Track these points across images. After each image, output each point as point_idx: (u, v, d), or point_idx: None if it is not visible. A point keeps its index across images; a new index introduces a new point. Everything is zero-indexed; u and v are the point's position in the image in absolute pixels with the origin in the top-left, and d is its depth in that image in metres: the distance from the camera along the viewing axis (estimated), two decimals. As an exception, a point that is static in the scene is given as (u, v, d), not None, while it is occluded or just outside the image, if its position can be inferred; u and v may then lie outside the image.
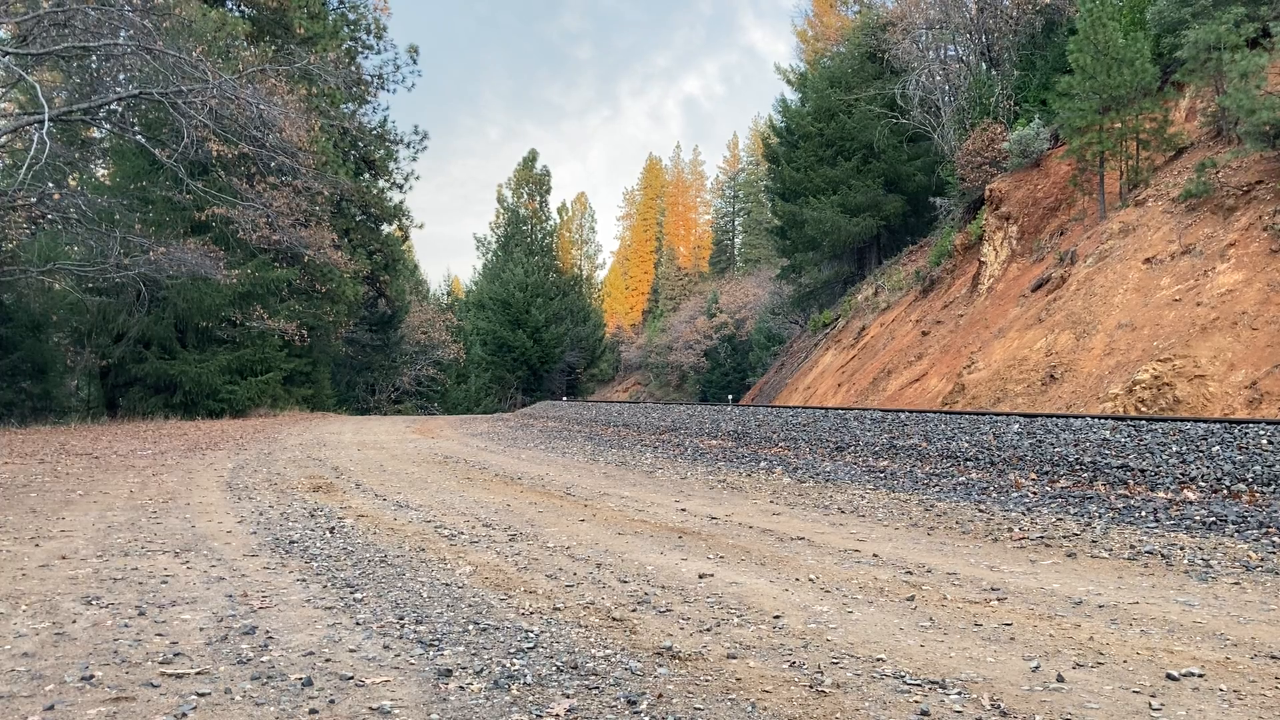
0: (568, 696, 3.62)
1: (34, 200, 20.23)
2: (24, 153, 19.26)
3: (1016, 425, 11.89)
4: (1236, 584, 5.54)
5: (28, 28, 19.27)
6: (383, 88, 44.53)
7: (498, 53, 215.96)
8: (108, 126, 24.26)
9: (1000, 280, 25.60)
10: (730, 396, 48.70)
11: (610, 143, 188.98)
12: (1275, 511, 7.35)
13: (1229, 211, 17.43)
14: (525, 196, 63.09)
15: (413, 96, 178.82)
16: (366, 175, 44.11)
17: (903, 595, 5.34)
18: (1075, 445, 10.37)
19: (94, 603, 5.11)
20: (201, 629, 4.58)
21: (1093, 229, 21.70)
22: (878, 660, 4.10)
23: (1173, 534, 7.04)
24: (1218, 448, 9.14)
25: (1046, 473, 9.85)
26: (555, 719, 3.39)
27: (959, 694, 3.64)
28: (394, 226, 46.85)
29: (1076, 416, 12.01)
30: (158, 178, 25.57)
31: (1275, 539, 6.64)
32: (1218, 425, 9.89)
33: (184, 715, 3.38)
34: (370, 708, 3.48)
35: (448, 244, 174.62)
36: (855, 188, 40.66)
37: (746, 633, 4.57)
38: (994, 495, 9.19)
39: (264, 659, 4.08)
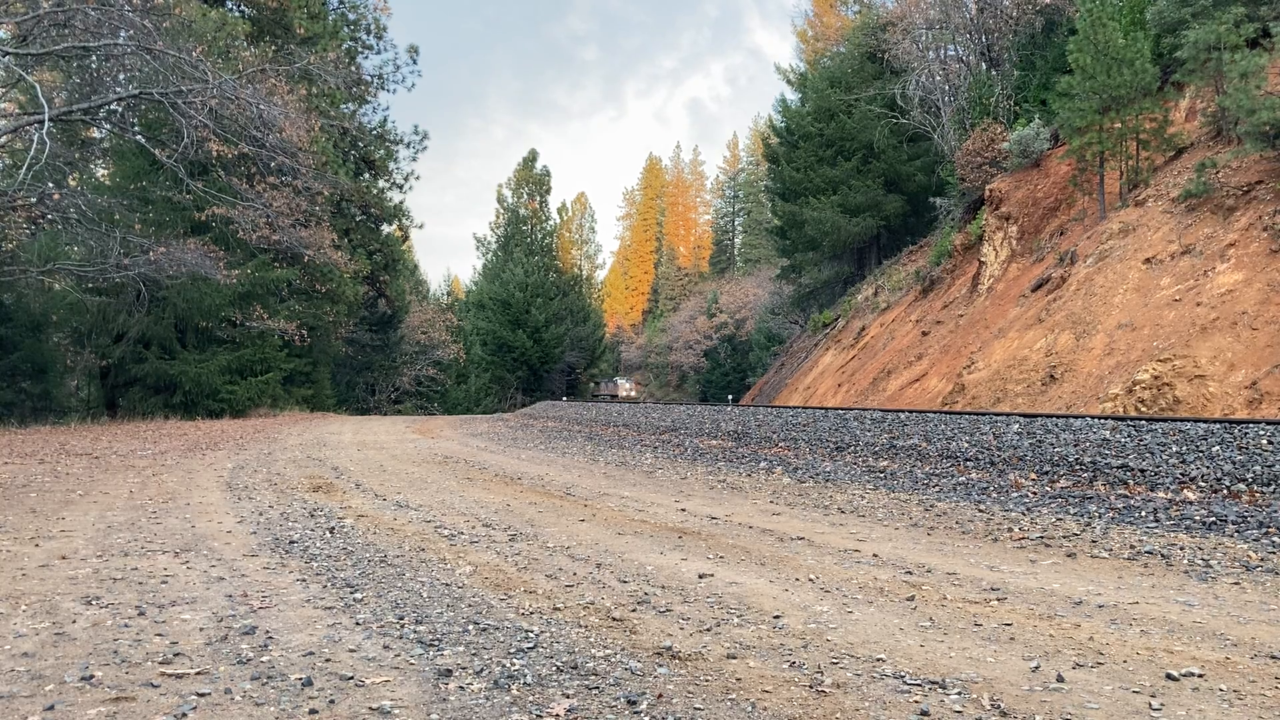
0: (568, 696, 3.62)
1: (34, 200, 20.23)
2: (24, 153, 19.26)
3: (1016, 425, 11.89)
4: (1236, 584, 5.54)
5: (28, 28, 19.27)
6: (383, 88, 44.63)
7: (504, 54, 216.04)
8: (108, 126, 24.26)
9: (1000, 280, 25.60)
10: (730, 396, 48.70)
11: (615, 144, 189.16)
12: (1275, 511, 7.35)
13: (1229, 211, 17.42)
14: (525, 196, 63.13)
15: (419, 98, 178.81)
16: (366, 175, 44.14)
17: (903, 595, 5.34)
18: (1075, 445, 10.37)
19: (94, 603, 5.11)
20: (201, 629, 4.58)
21: (1093, 229, 21.70)
22: (878, 660, 4.10)
23: (1173, 534, 7.04)
24: (1218, 448, 9.14)
25: (1046, 473, 9.85)
26: (555, 719, 3.39)
27: (959, 694, 3.64)
28: (394, 226, 46.91)
29: (1076, 416, 12.01)
30: (158, 178, 25.57)
31: (1275, 539, 6.64)
32: (1218, 425, 9.89)
33: (184, 715, 3.37)
34: (370, 708, 3.48)
35: (448, 244, 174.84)
36: (855, 188, 40.66)
37: (746, 633, 4.57)
38: (994, 495, 9.19)
39: (264, 659, 4.08)
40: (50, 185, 21.23)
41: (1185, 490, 8.42)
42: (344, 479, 12.20)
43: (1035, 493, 9.07)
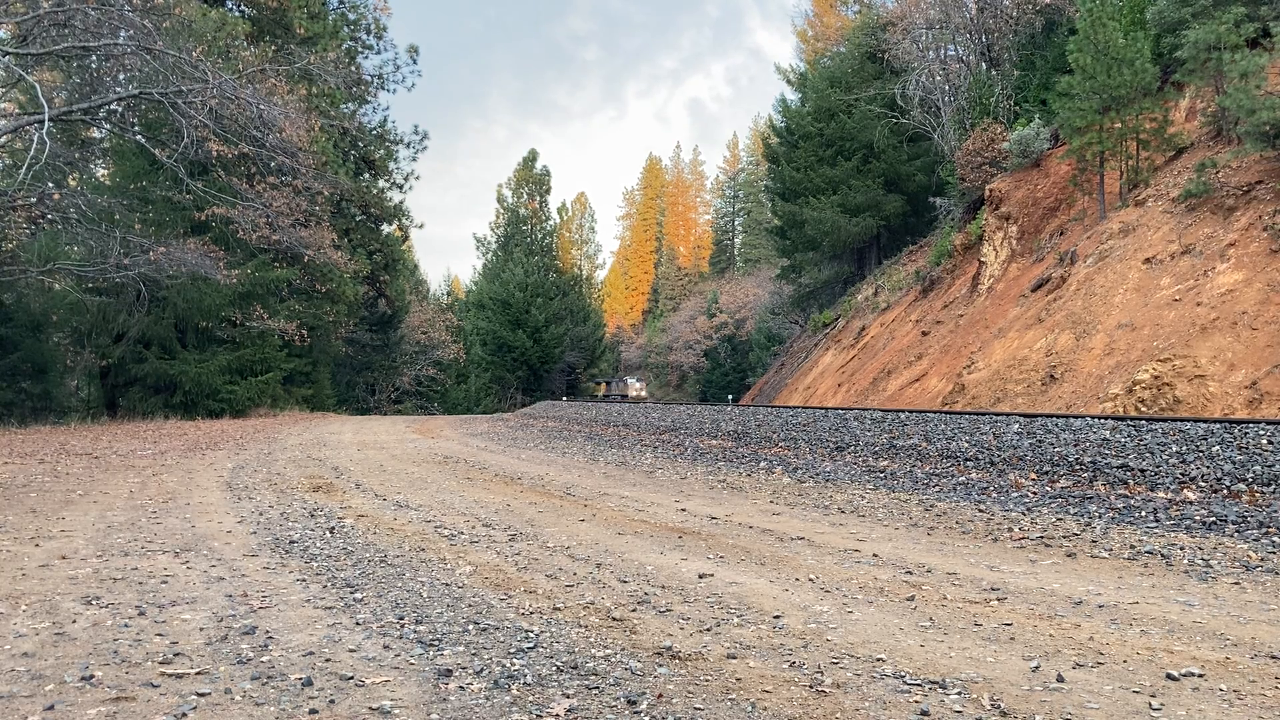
0: (568, 696, 3.62)
1: (34, 200, 20.24)
2: (24, 153, 19.26)
3: (1016, 425, 11.89)
4: (1236, 584, 5.54)
5: (28, 28, 19.27)
6: (383, 88, 44.67)
7: (504, 54, 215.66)
8: (108, 126, 24.27)
9: (1000, 280, 25.60)
10: (730, 396, 48.72)
11: (615, 144, 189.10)
12: (1275, 511, 7.35)
13: (1229, 211, 17.42)
14: (525, 196, 63.16)
15: (419, 98, 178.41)
16: (366, 175, 44.14)
17: (903, 595, 5.34)
18: (1075, 445, 10.37)
19: (94, 603, 5.11)
20: (201, 629, 4.58)
21: (1093, 229, 21.70)
22: (878, 660, 4.10)
23: (1173, 534, 7.04)
24: (1218, 448, 9.14)
25: (1046, 473, 9.85)
26: (555, 719, 3.38)
27: (959, 694, 3.64)
28: (394, 226, 46.92)
29: (1076, 416, 12.01)
30: (158, 178, 25.57)
31: (1275, 539, 6.64)
32: (1218, 425, 9.89)
33: (184, 715, 3.37)
34: (370, 708, 3.48)
35: (448, 244, 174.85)
36: (855, 188, 40.67)
37: (746, 633, 4.57)
38: (994, 495, 9.19)
39: (264, 659, 4.08)
40: (50, 185, 21.24)
41: (1185, 490, 8.42)
42: (344, 479, 12.20)
43: (1035, 493, 9.07)
